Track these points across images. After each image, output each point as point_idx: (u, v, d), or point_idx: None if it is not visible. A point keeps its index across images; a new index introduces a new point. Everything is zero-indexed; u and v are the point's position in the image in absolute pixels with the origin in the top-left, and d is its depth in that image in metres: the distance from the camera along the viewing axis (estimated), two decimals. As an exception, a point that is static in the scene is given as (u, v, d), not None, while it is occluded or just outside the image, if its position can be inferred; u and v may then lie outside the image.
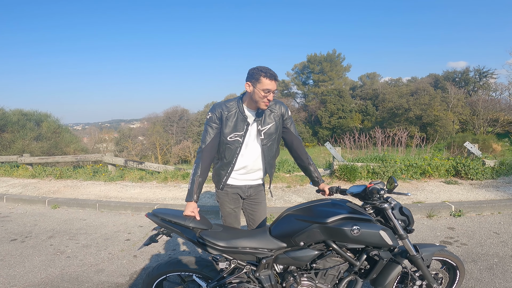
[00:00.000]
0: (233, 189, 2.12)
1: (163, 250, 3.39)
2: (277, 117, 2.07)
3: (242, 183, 2.12)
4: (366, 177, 5.69)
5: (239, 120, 1.99)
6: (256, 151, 2.06)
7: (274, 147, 2.10)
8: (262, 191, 2.22)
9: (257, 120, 2.02)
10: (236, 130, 1.99)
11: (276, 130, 2.07)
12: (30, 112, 14.35)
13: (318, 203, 1.85)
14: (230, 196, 2.13)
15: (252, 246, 1.76)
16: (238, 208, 2.19)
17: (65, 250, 3.47)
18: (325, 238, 1.72)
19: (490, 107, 32.89)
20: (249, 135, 2.03)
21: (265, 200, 2.24)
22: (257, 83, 1.88)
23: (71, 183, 6.63)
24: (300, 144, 2.19)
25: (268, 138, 2.05)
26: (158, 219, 1.85)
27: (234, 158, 2.02)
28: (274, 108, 2.07)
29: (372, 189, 1.80)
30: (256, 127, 2.03)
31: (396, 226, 1.77)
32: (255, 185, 2.16)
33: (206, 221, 1.86)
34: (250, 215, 2.20)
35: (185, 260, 1.92)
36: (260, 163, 2.10)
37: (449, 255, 2.02)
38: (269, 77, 1.86)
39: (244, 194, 2.15)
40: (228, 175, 2.06)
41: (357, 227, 1.67)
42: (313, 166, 2.21)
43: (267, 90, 1.86)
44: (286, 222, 1.81)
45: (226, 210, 2.16)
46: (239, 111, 2.00)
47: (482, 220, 3.98)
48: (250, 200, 2.18)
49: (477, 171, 5.59)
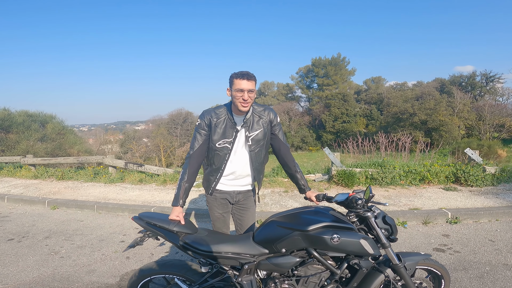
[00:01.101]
0: (222, 194, 2.14)
1: (156, 252, 3.41)
2: (265, 123, 2.08)
3: (230, 189, 2.14)
4: (364, 183, 5.66)
5: (228, 127, 2.01)
6: (245, 157, 2.08)
7: (262, 153, 2.11)
8: (251, 197, 2.23)
9: (245, 126, 2.04)
10: (225, 137, 2.01)
11: (264, 137, 2.08)
12: (36, 113, 14.58)
13: (302, 210, 1.86)
14: (219, 201, 2.15)
15: (234, 251, 1.78)
16: (227, 213, 2.21)
17: (60, 250, 3.51)
18: (306, 245, 1.73)
19: (497, 112, 32.50)
20: (238, 141, 2.05)
21: (254, 206, 2.25)
22: (232, 86, 1.94)
23: (72, 184, 6.70)
24: (288, 151, 2.20)
25: (256, 144, 2.06)
26: (144, 222, 1.88)
27: (223, 164, 2.04)
28: (263, 114, 2.08)
29: (352, 198, 1.80)
30: (244, 133, 2.05)
31: (379, 235, 1.77)
32: (244, 191, 2.18)
33: (191, 226, 1.88)
34: (238, 220, 2.22)
35: (170, 263, 1.95)
36: (248, 169, 2.11)
37: (434, 264, 2.00)
38: (240, 77, 1.89)
39: (233, 200, 2.16)
40: (217, 180, 2.09)
41: (337, 235, 1.67)
42: (300, 173, 2.21)
43: (239, 89, 1.89)
44: (269, 229, 1.82)
45: (214, 215, 2.18)
46: (228, 118, 2.02)
47: (479, 228, 3.93)
48: (238, 205, 2.20)
49: (477, 178, 5.53)
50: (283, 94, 52.88)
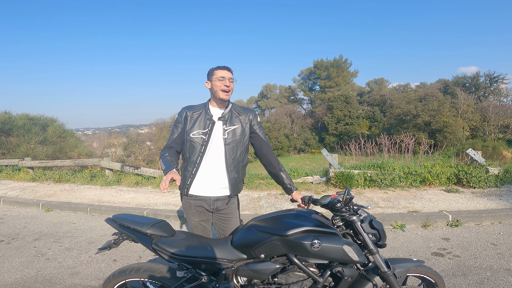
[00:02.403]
0: (197, 201, 1.99)
1: (145, 255, 3.31)
2: (244, 121, 2.03)
3: (207, 194, 1.98)
4: (363, 185, 5.53)
5: (203, 118, 1.99)
6: (219, 151, 1.97)
7: (238, 151, 2.00)
8: (233, 204, 2.07)
9: (223, 119, 1.99)
10: (199, 127, 1.97)
11: (242, 134, 2.01)
12: (37, 117, 14.58)
13: (283, 213, 1.75)
14: (194, 208, 2.01)
15: (210, 256, 1.67)
16: (206, 222, 2.05)
17: (47, 252, 3.44)
18: (286, 251, 1.61)
19: (501, 113, 32.15)
20: (214, 134, 1.97)
21: (237, 214, 2.10)
22: (212, 76, 1.98)
23: (68, 187, 6.65)
24: (270, 150, 2.10)
25: (232, 139, 1.98)
26: (117, 224, 1.79)
27: (198, 157, 1.95)
28: (242, 113, 2.06)
29: (333, 201, 1.68)
30: (221, 126, 1.99)
31: (366, 240, 1.64)
32: (222, 197, 2.00)
33: (166, 228, 1.78)
34: (221, 229, 2.07)
35: (146, 266, 1.85)
36: (221, 166, 1.98)
37: (427, 271, 1.87)
38: (221, 68, 1.96)
39: (210, 207, 2.01)
40: (192, 177, 1.97)
41: (317, 241, 1.54)
42: (285, 172, 2.10)
43: (221, 77, 1.94)
44: (248, 233, 1.71)
45: (191, 222, 2.05)
46: (205, 111, 2.02)
47: (481, 231, 3.79)
48: (219, 214, 2.05)
49: (479, 179, 5.38)
50: (286, 97, 52.81)
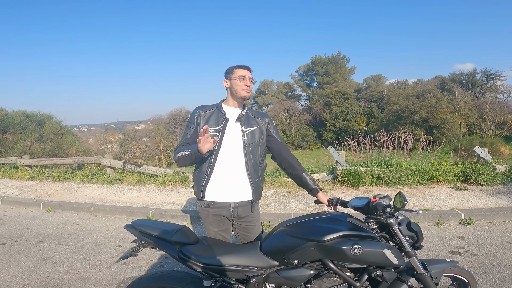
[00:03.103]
0: (216, 209, 1.86)
1: (155, 257, 3.22)
2: (261, 123, 1.97)
3: (226, 199, 1.85)
4: (370, 183, 5.48)
5: (216, 116, 1.92)
6: (237, 152, 1.86)
7: (257, 153, 1.90)
8: (256, 210, 1.95)
9: (240, 120, 1.91)
10: (212, 125, 1.88)
11: (260, 136, 1.93)
12: (33, 113, 14.35)
13: (315, 217, 1.67)
14: (212, 218, 1.88)
15: (240, 264, 1.58)
16: (225, 231, 1.93)
17: (53, 255, 3.32)
18: (322, 257, 1.54)
19: (498, 110, 32.36)
20: (229, 132, 1.88)
21: (259, 221, 1.99)
22: (231, 75, 1.91)
23: (68, 186, 6.51)
24: (289, 151, 2.02)
25: (252, 140, 1.89)
26: (137, 231, 1.68)
27: (212, 155, 1.84)
28: (258, 116, 2.00)
29: (377, 205, 1.61)
30: (240, 127, 1.90)
31: (403, 243, 1.59)
32: (244, 202, 1.88)
33: (190, 235, 1.68)
34: (243, 239, 1.96)
35: (168, 275, 1.74)
36: (242, 169, 1.86)
37: (461, 271, 1.84)
38: (241, 67, 1.91)
39: (231, 215, 1.88)
40: (207, 178, 1.84)
41: (358, 246, 1.48)
42: (307, 173, 2.00)
43: (242, 76, 1.88)
44: (279, 239, 1.62)
45: (210, 233, 1.93)
46: (217, 109, 1.96)
47: (494, 229, 3.75)
48: (241, 222, 1.92)
49: (487, 177, 5.35)
50: (283, 93, 52.65)
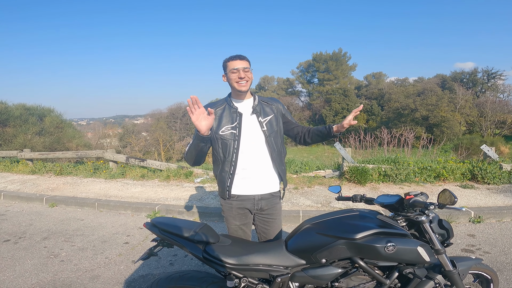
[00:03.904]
0: (240, 202, 1.85)
1: (164, 255, 3.16)
2: (275, 110, 1.93)
3: (250, 192, 1.84)
4: (377, 180, 5.43)
5: (228, 113, 1.86)
6: (258, 145, 1.84)
7: (278, 141, 1.89)
8: (277, 204, 1.92)
9: (255, 112, 1.86)
10: (226, 123, 1.83)
11: (277, 123, 1.90)
12: (33, 107, 14.17)
13: (343, 215, 1.62)
14: (235, 211, 1.86)
15: (265, 263, 1.53)
16: (246, 225, 1.91)
17: (59, 253, 3.26)
18: (352, 255, 1.50)
19: (498, 109, 32.40)
20: (245, 127, 1.83)
21: (280, 216, 1.96)
22: (226, 69, 1.86)
23: (71, 180, 6.44)
24: (303, 127, 1.99)
25: (271, 130, 1.87)
26: (158, 230, 1.62)
27: (233, 154, 1.80)
28: (270, 103, 1.95)
29: (415, 202, 1.56)
30: (256, 119, 1.85)
31: (434, 241, 1.56)
32: (267, 195, 1.86)
33: (212, 234, 1.62)
34: (263, 232, 1.94)
35: (188, 276, 1.68)
36: (267, 161, 1.85)
37: (485, 268, 1.85)
38: (232, 59, 1.83)
39: (254, 207, 1.86)
40: (231, 177, 1.81)
41: (392, 243, 1.44)
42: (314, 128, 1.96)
43: (234, 69, 1.81)
44: (306, 236, 1.57)
45: (231, 226, 1.90)
46: (227, 104, 1.88)
47: (503, 227, 3.73)
48: (262, 215, 1.90)
49: (494, 175, 5.31)
50: (283, 89, 52.49)
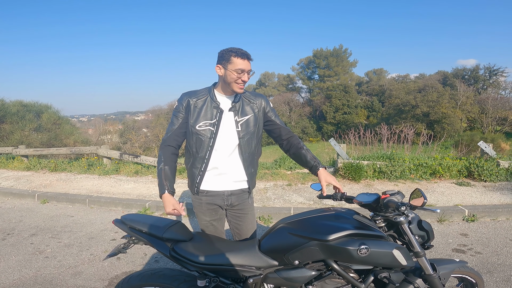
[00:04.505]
0: (209, 197, 1.79)
1: (150, 253, 3.12)
2: (256, 109, 1.79)
3: (220, 188, 1.78)
4: (372, 177, 5.37)
5: (209, 107, 1.73)
6: (232, 145, 1.75)
7: (252, 143, 1.78)
8: (247, 199, 1.88)
9: (234, 109, 1.74)
10: (206, 118, 1.71)
11: (255, 123, 1.78)
12: (31, 103, 14.13)
13: (318, 214, 1.55)
14: (205, 206, 1.80)
15: (237, 263, 1.48)
16: (218, 221, 1.86)
17: (45, 249, 3.23)
18: (325, 257, 1.43)
19: (499, 106, 32.13)
20: (223, 124, 1.73)
21: (253, 210, 1.91)
22: (228, 63, 1.64)
23: (64, 176, 6.40)
24: (289, 132, 1.89)
25: (246, 131, 1.75)
26: (127, 227, 1.57)
27: (207, 151, 1.72)
28: (253, 100, 1.81)
29: (389, 202, 1.48)
30: (233, 117, 1.74)
31: (413, 243, 1.48)
32: (237, 191, 1.81)
33: (183, 231, 1.57)
34: (236, 228, 1.89)
35: (160, 274, 1.64)
36: (237, 160, 1.78)
37: (470, 272, 1.75)
38: (241, 56, 1.62)
39: (224, 203, 1.81)
40: (201, 174, 1.75)
41: (365, 246, 1.37)
42: (308, 151, 1.84)
43: (240, 70, 1.62)
44: (279, 237, 1.51)
45: (201, 222, 1.85)
46: (210, 98, 1.74)
47: (498, 226, 3.66)
48: (233, 211, 1.85)
49: (491, 173, 5.24)
50: (284, 85, 52.24)
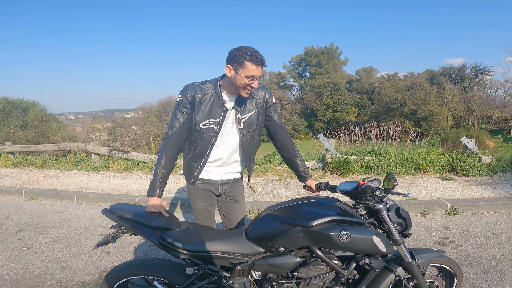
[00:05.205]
0: (205, 184, 1.86)
1: (140, 246, 3.15)
2: (259, 104, 1.80)
3: (215, 178, 1.86)
4: (359, 171, 5.49)
5: (215, 105, 1.71)
6: (234, 142, 1.80)
7: (254, 139, 1.84)
8: (240, 187, 1.97)
9: (236, 107, 1.75)
10: (210, 117, 1.71)
11: (257, 119, 1.81)
12: (17, 100, 13.81)
13: (302, 202, 1.62)
14: (201, 193, 1.88)
15: (224, 250, 1.53)
16: (212, 206, 1.94)
17: (33, 245, 3.21)
18: (309, 243, 1.49)
19: (485, 104, 32.93)
20: (226, 123, 1.76)
21: (243, 198, 2.00)
22: (240, 67, 1.57)
23: (52, 173, 6.32)
24: (286, 134, 1.94)
25: (248, 128, 1.78)
26: (115, 216, 1.60)
27: (208, 149, 1.76)
28: (257, 94, 1.80)
29: (366, 188, 1.55)
30: (235, 115, 1.76)
31: (391, 230, 1.55)
32: (231, 180, 1.91)
33: (172, 220, 1.61)
34: (226, 214, 1.96)
35: (149, 262, 1.68)
36: (237, 156, 1.86)
37: (448, 261, 1.82)
38: (256, 62, 1.55)
39: (218, 191, 1.89)
40: (200, 167, 1.81)
41: (346, 232, 1.43)
42: (300, 159, 1.97)
43: (252, 77, 1.57)
44: (265, 224, 1.57)
45: (197, 207, 1.92)
46: (216, 95, 1.71)
47: (478, 220, 3.80)
48: (225, 197, 1.94)
49: (473, 167, 5.42)
50: (275, 83, 52.30)
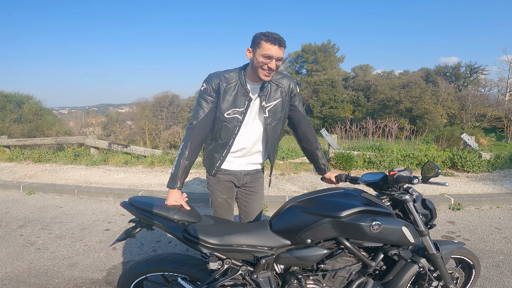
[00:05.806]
0: (227, 175, 1.83)
1: (146, 241, 3.10)
2: (284, 92, 1.76)
3: (237, 168, 1.83)
4: (362, 166, 5.50)
5: (239, 94, 1.68)
6: (257, 132, 1.77)
7: (279, 128, 1.80)
8: (260, 179, 1.94)
9: (262, 95, 1.71)
10: (235, 106, 1.68)
11: (282, 108, 1.77)
12: (11, 94, 13.58)
13: (328, 192, 1.58)
14: (223, 184, 1.84)
15: (249, 244, 1.49)
16: (232, 199, 1.91)
17: (36, 241, 3.14)
18: (337, 234, 1.46)
19: (479, 103, 33.31)
20: (250, 112, 1.73)
21: (262, 190, 1.97)
22: (257, 47, 1.56)
23: (49, 167, 6.21)
24: (309, 124, 1.90)
25: (273, 117, 1.75)
26: (136, 209, 1.55)
27: (231, 138, 1.72)
28: (281, 83, 1.76)
29: (399, 177, 1.51)
30: (260, 103, 1.72)
31: (417, 221, 1.54)
32: (253, 171, 1.87)
33: (194, 213, 1.57)
34: (244, 206, 1.93)
35: (168, 258, 1.63)
36: (260, 146, 1.82)
37: (468, 253, 1.84)
38: (271, 41, 1.53)
39: (239, 182, 1.86)
40: (222, 158, 1.77)
41: (377, 222, 1.41)
42: (321, 151, 1.95)
43: (267, 55, 1.54)
44: (291, 215, 1.53)
45: (217, 200, 1.88)
46: (240, 84, 1.68)
47: (482, 215, 3.84)
48: (245, 188, 1.90)
49: (473, 164, 5.47)
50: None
